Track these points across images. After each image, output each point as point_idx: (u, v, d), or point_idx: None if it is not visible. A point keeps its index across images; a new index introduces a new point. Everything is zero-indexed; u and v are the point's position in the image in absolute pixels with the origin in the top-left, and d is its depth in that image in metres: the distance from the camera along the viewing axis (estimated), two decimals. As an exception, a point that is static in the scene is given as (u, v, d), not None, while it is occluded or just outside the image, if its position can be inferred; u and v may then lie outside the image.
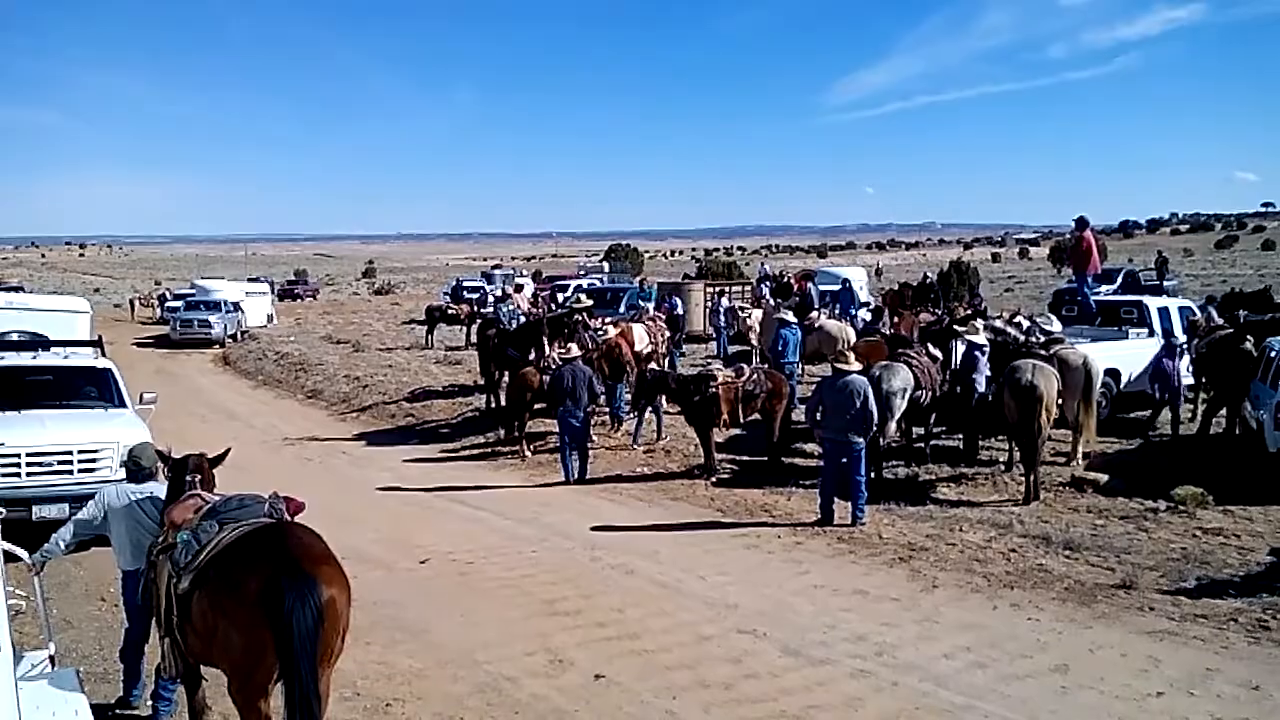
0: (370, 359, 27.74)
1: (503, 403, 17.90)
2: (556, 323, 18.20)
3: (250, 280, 54.31)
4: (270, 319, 42.25)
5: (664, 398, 15.47)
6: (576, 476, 14.22)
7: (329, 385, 24.30)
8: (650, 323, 20.61)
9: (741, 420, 14.41)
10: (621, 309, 26.36)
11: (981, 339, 14.49)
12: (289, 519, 5.92)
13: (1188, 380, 16.70)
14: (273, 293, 51.84)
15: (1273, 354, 13.27)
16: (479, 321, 23.46)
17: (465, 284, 43.87)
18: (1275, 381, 12.42)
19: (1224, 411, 15.34)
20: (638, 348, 18.77)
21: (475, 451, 16.86)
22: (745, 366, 14.81)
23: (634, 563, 10.37)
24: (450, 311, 32.67)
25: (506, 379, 17.76)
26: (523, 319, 21.19)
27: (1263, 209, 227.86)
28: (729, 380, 14.12)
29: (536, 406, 16.14)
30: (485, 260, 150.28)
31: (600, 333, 17.90)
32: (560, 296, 30.90)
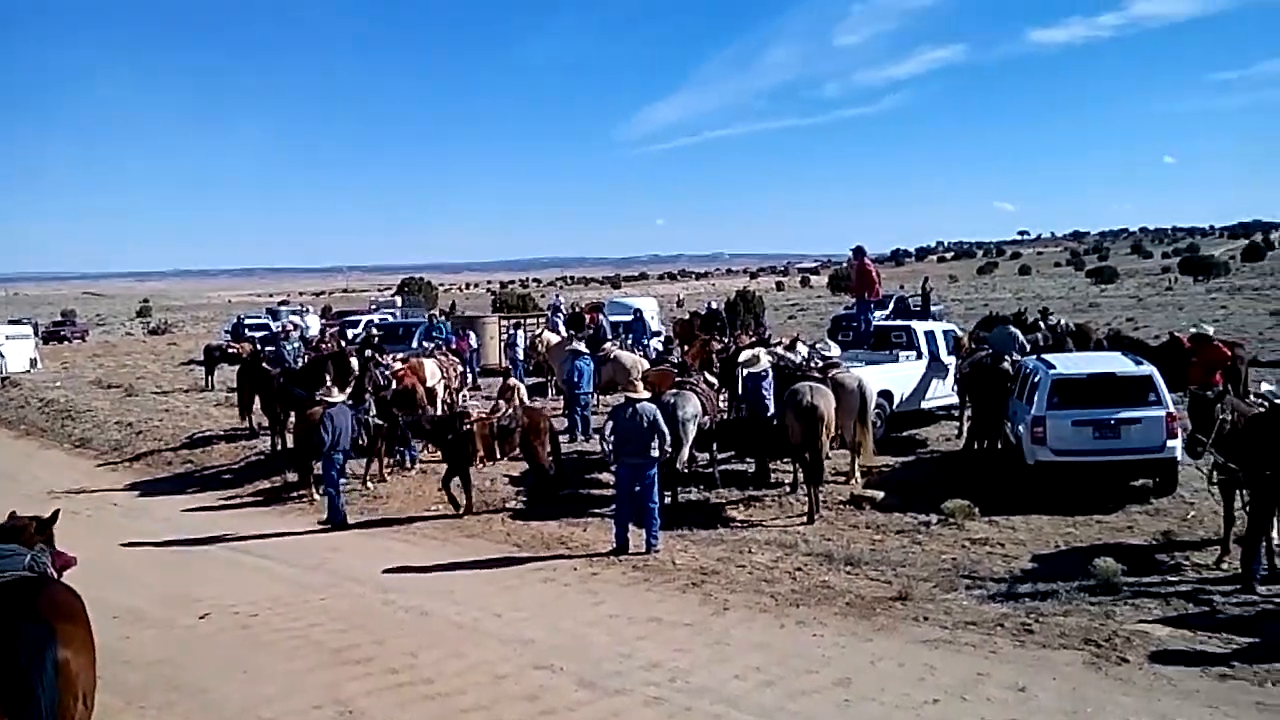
0: (145, 403, 26.17)
1: (289, 445, 17.22)
2: (341, 360, 17.67)
3: (10, 323, 50.39)
4: (34, 363, 39.22)
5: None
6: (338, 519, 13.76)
7: (99, 433, 22.76)
8: (443, 357, 20.35)
9: (498, 457, 14.46)
10: (414, 344, 25.91)
11: (761, 368, 14.93)
12: (53, 574, 5.54)
13: (952, 399, 17.81)
14: (36, 335, 48.22)
15: (1027, 372, 14.27)
16: (242, 361, 22.48)
17: (247, 321, 42.10)
18: (1031, 398, 13.34)
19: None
20: (430, 384, 18.49)
21: (260, 497, 16.12)
22: (502, 403, 14.75)
23: (428, 604, 10.16)
24: (231, 351, 31.18)
25: (293, 419, 17.09)
26: (308, 356, 20.48)
27: (1019, 236, 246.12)
28: (482, 418, 14.13)
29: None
30: (271, 296, 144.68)
31: (387, 370, 17.47)
32: (350, 333, 30.07)
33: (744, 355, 15.49)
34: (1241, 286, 64.23)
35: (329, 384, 16.39)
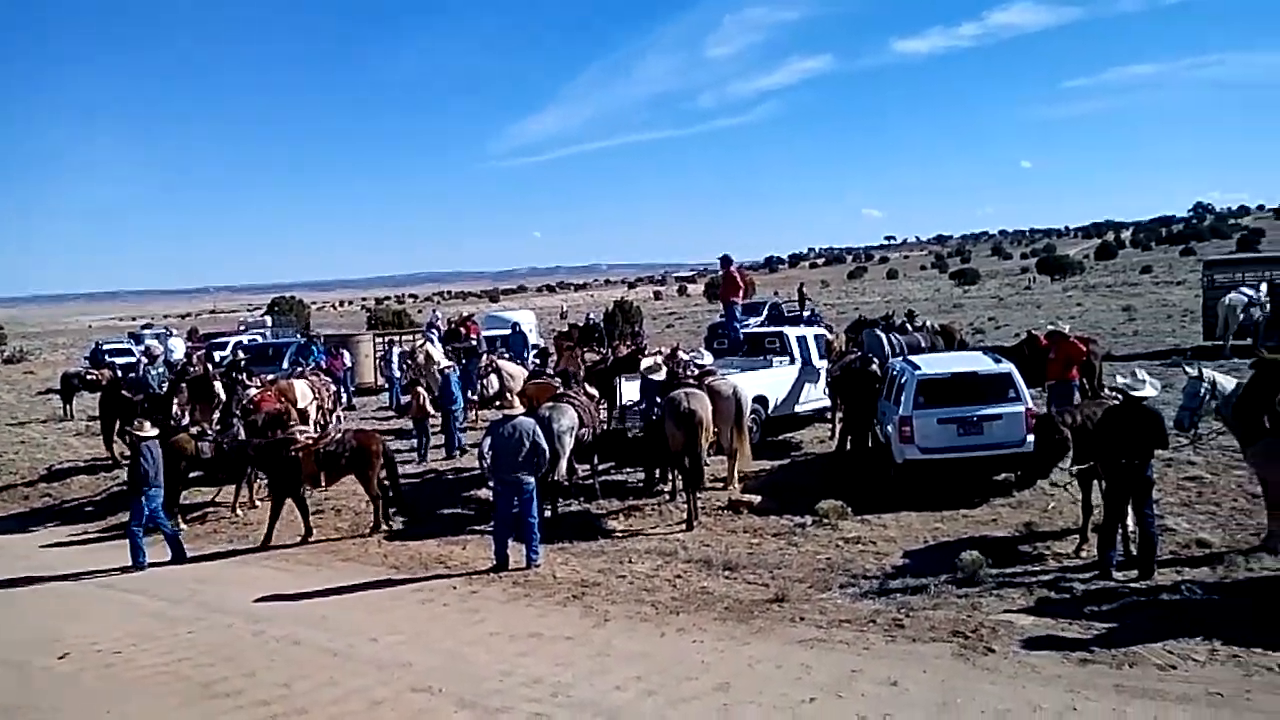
0: (-2, 436, 24.89)
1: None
2: (201, 383, 17.09)
3: None
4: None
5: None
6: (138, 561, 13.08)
7: (-52, 470, 21.54)
8: (314, 378, 19.89)
9: (324, 484, 14.19)
10: (284, 365, 25.26)
11: (663, 376, 14.97)
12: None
13: (825, 402, 18.20)
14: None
15: (895, 373, 14.67)
16: (103, 388, 21.63)
17: (106, 347, 40.35)
18: (898, 399, 13.71)
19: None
20: (301, 405, 18.04)
21: (124, 530, 15.47)
22: (332, 428, 14.47)
23: (301, 632, 9.90)
24: (90, 378, 29.86)
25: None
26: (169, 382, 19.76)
27: (886, 241, 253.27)
28: (309, 443, 13.82)
29: (192, 475, 15.07)
30: (134, 320, 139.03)
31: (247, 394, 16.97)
32: (218, 355, 29.13)
33: (646, 363, 15.54)
34: (1095, 284, 67.22)
35: (176, 410, 15.88)
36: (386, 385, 27.24)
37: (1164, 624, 8.43)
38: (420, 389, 18.72)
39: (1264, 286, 25.38)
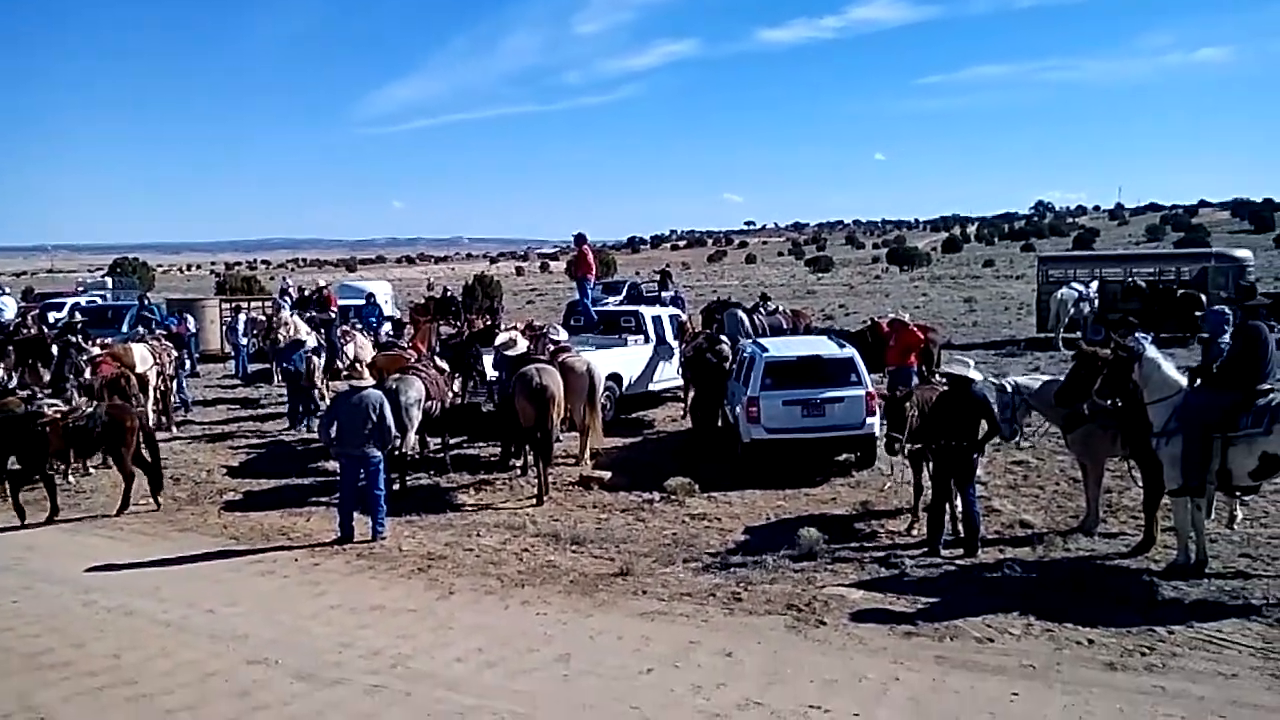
0: None
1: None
2: (34, 344, 16.26)
3: None
4: None
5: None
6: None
7: None
8: (155, 342, 19.13)
9: (75, 461, 13.51)
10: (124, 328, 24.24)
11: (518, 351, 14.87)
12: None
13: (678, 381, 18.49)
14: None
15: (744, 356, 15.00)
16: None
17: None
18: (747, 380, 14.04)
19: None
20: (140, 370, 17.34)
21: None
22: (83, 403, 13.50)
23: (134, 603, 9.56)
24: (-92, 340, 28.06)
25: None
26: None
27: (746, 226, 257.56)
28: (58, 417, 12.86)
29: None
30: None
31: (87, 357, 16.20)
32: (53, 316, 27.69)
33: (500, 338, 15.45)
34: (941, 276, 69.99)
35: (2, 374, 15.06)
36: (232, 353, 26.44)
37: (985, 599, 8.87)
38: (312, 355, 18.31)
39: (1094, 284, 26.89)
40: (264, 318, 25.24)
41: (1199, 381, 9.46)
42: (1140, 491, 10.45)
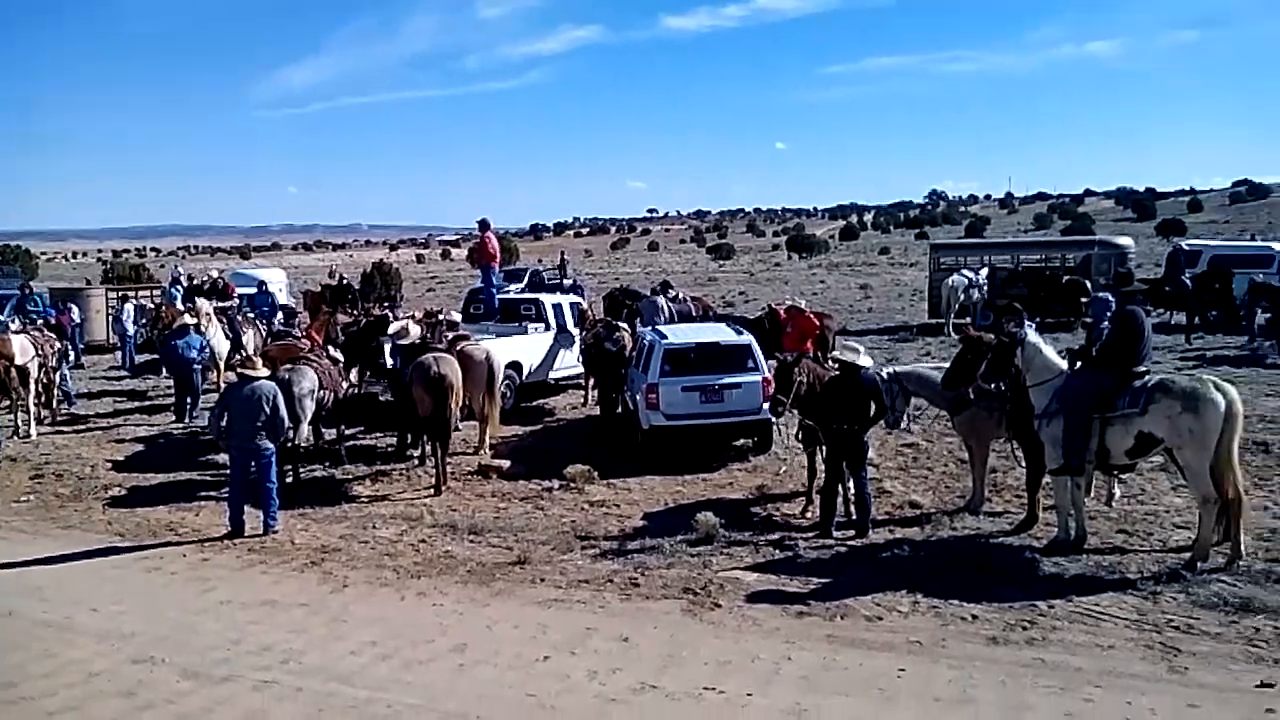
0: None
1: None
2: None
3: None
4: None
5: None
6: None
7: None
8: (36, 333, 18.41)
9: None
10: (1, 317, 23.26)
11: (412, 340, 14.69)
12: None
13: (578, 369, 18.48)
14: None
15: (644, 342, 15.06)
16: None
17: None
18: (646, 367, 14.11)
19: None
20: (20, 361, 16.68)
21: None
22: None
23: (14, 603, 9.22)
24: None
25: None
26: None
27: (649, 214, 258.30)
28: None
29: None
30: None
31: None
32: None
33: (394, 327, 15.23)
34: (839, 263, 71.24)
35: None
36: (119, 343, 25.60)
37: (875, 579, 9.09)
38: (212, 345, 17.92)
39: (984, 270, 27.65)
40: (152, 306, 24.55)
41: (1079, 365, 9.80)
42: (1023, 471, 10.83)
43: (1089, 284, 25.41)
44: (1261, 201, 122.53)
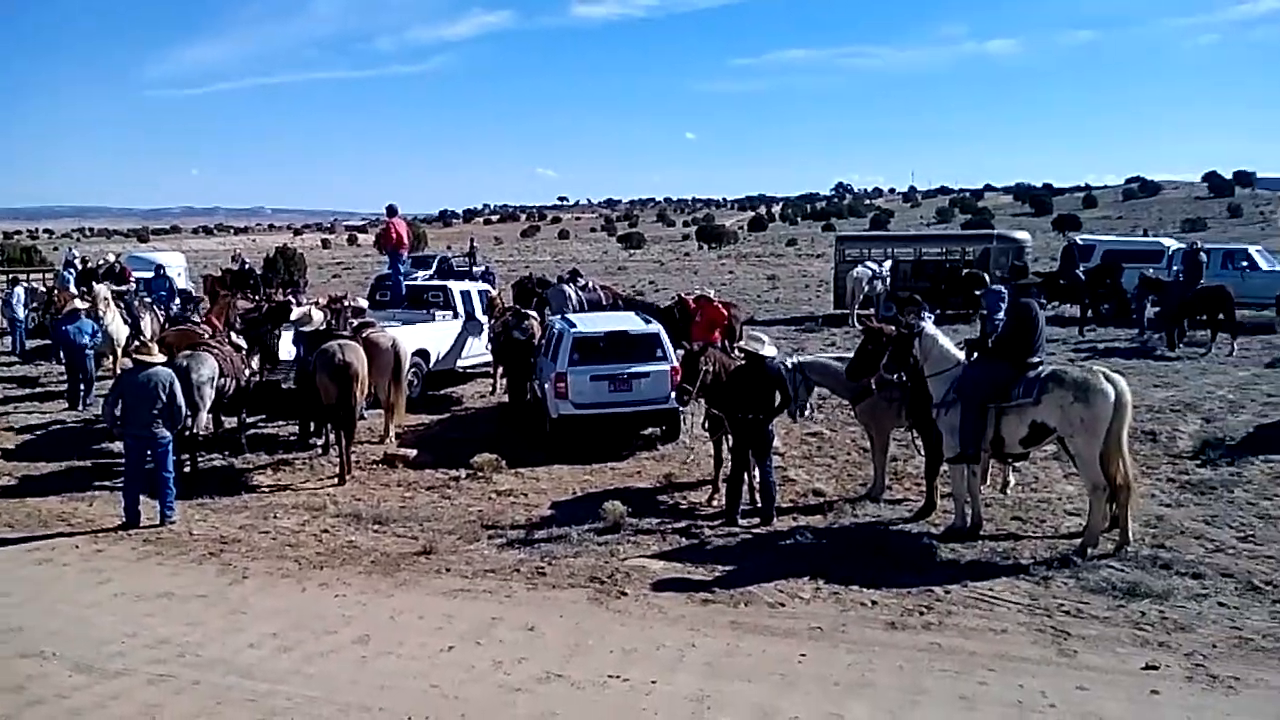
0: None
1: None
2: None
3: None
4: None
5: None
6: None
7: None
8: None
9: None
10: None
11: (315, 327, 14.45)
12: None
13: (487, 357, 18.38)
14: None
15: (553, 330, 15.04)
16: None
17: None
18: (555, 356, 14.09)
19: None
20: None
21: None
22: None
23: (-105, 600, 8.88)
24: None
25: None
26: None
27: (560, 202, 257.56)
28: None
29: None
30: None
31: None
32: None
33: (296, 313, 14.94)
34: (747, 254, 71.83)
35: None
36: (9, 328, 24.66)
37: (778, 566, 9.23)
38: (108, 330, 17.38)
39: (888, 263, 28.17)
40: (44, 289, 23.70)
41: (975, 355, 10.08)
42: (923, 460, 11.09)
43: (987, 277, 26.04)
44: (1153, 198, 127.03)
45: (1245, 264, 24.77)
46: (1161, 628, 7.68)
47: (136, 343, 16.90)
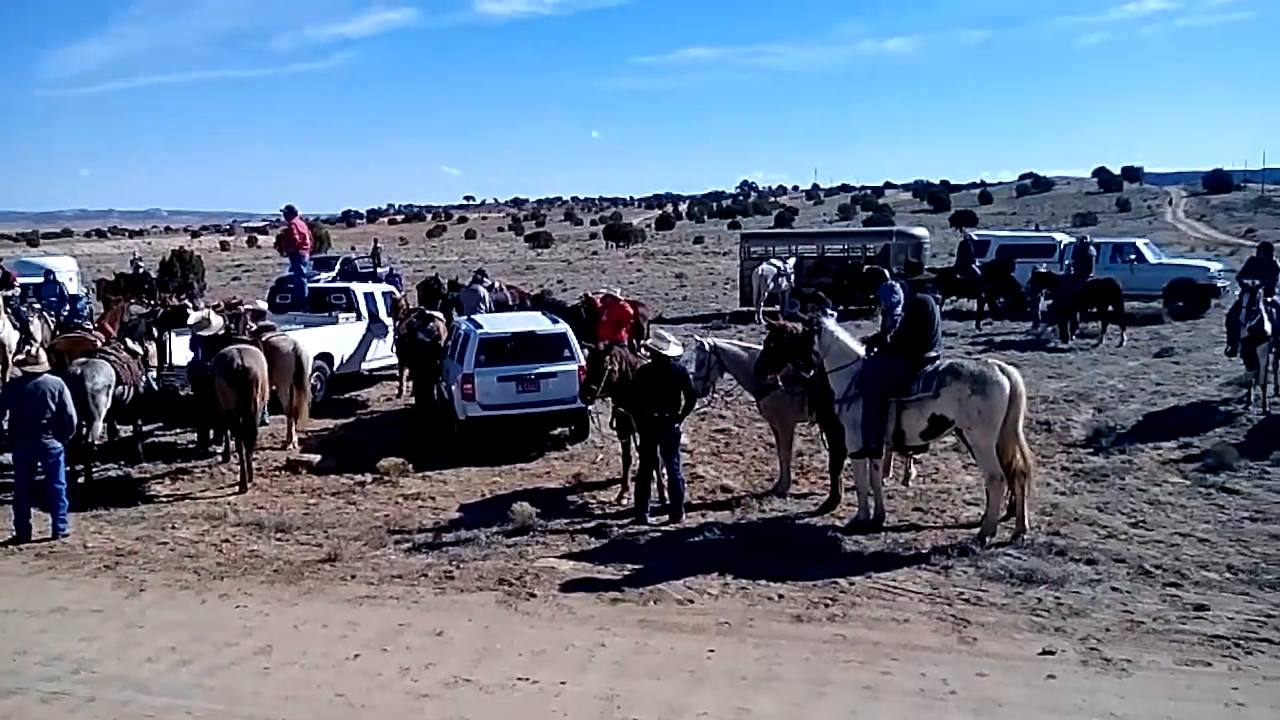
0: None
1: None
2: None
3: None
4: None
5: None
6: None
7: None
8: None
9: None
10: None
11: (214, 331, 14.10)
12: None
13: (392, 360, 18.15)
14: None
15: (460, 332, 14.91)
16: None
17: None
18: (462, 357, 13.98)
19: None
20: None
21: None
22: None
23: None
24: None
25: None
26: None
27: (466, 201, 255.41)
28: None
29: None
30: None
31: None
32: None
33: (194, 317, 14.55)
34: (655, 252, 72.09)
35: None
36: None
37: (686, 563, 9.29)
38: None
39: (792, 260, 28.54)
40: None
41: (875, 351, 10.28)
42: (827, 454, 11.27)
43: (888, 273, 26.55)
44: (1045, 194, 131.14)
45: (1134, 257, 25.58)
46: (1057, 613, 7.90)
47: (24, 352, 16.29)
